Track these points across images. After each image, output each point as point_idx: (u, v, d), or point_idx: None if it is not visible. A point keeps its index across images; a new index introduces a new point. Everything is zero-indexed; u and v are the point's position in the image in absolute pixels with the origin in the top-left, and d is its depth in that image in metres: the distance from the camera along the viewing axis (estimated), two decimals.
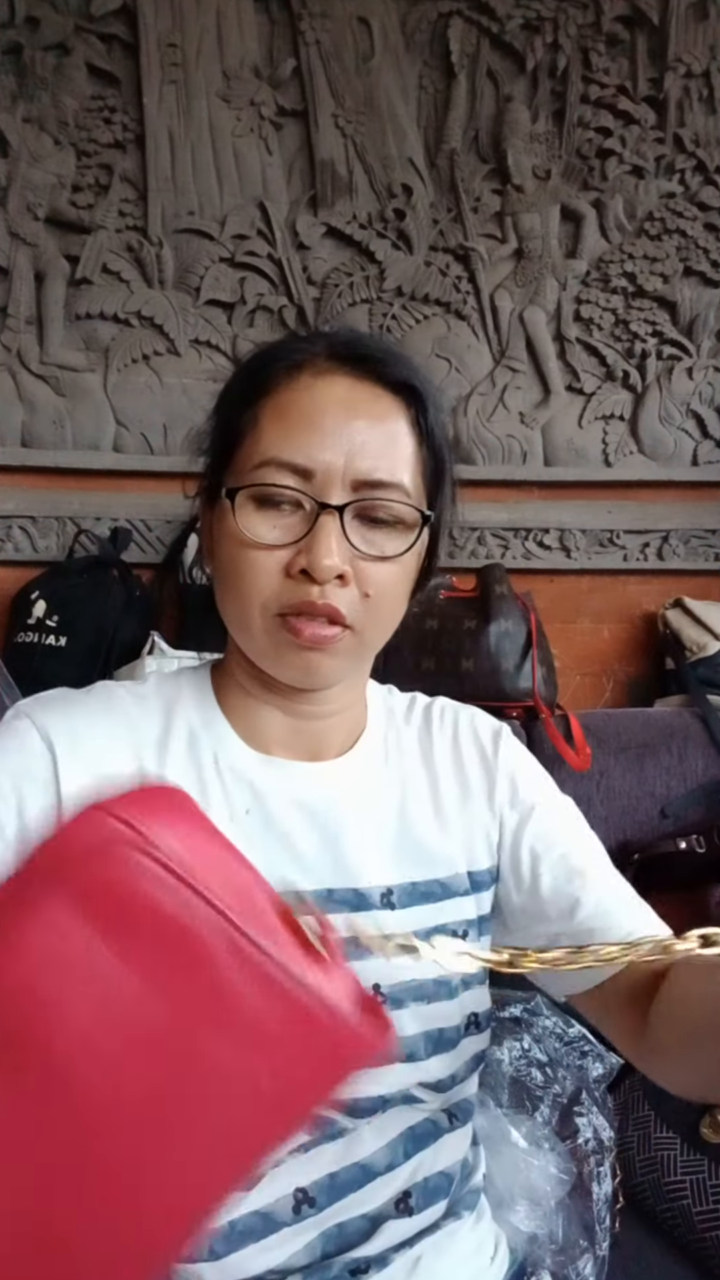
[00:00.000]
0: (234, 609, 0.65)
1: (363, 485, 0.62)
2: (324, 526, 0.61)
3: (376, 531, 0.63)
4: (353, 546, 0.62)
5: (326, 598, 0.61)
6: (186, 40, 1.75)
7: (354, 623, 0.63)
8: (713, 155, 1.81)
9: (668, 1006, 0.61)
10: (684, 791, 1.44)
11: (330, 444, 0.62)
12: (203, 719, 0.69)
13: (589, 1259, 0.82)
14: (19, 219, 1.75)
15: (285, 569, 0.62)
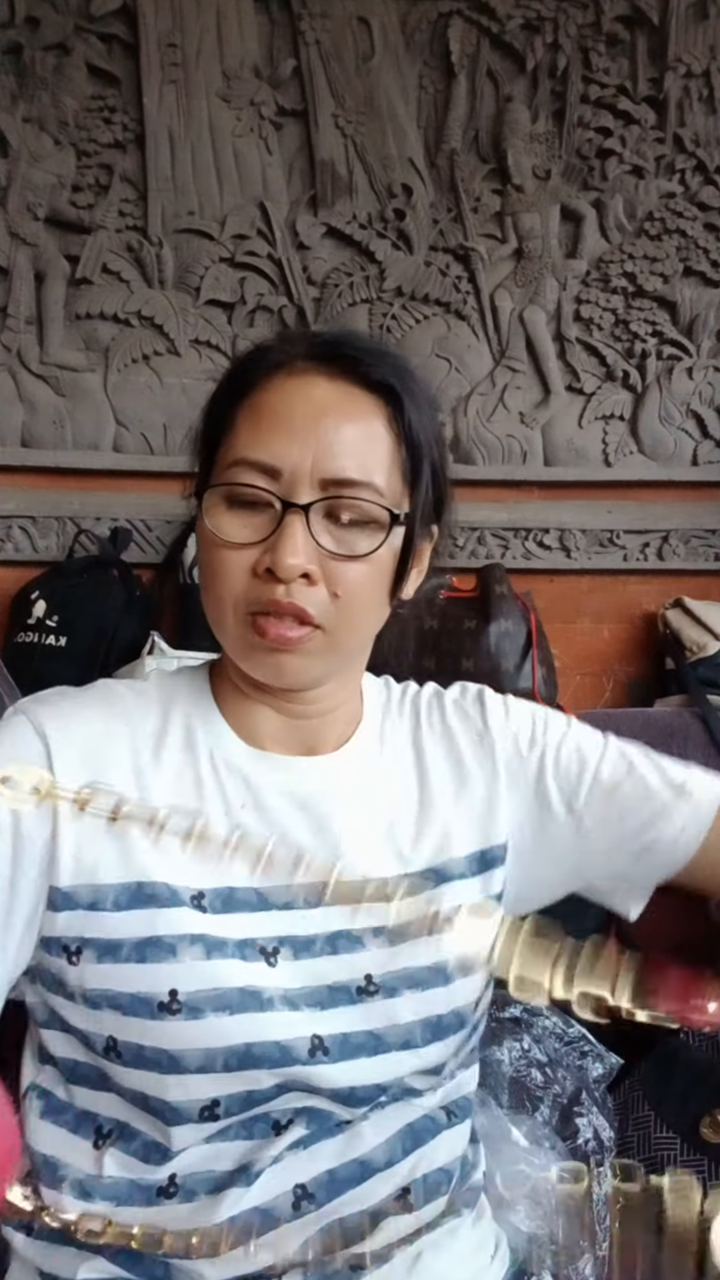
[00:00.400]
0: (211, 609, 0.66)
1: (331, 484, 0.62)
2: (289, 525, 0.61)
3: (346, 531, 0.63)
4: (320, 546, 0.62)
5: (292, 597, 0.61)
6: (186, 40, 1.75)
7: (323, 623, 0.62)
8: (713, 155, 1.81)
9: None
10: None
11: (298, 443, 0.61)
12: (200, 716, 0.69)
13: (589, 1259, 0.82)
14: (19, 219, 1.75)
15: (253, 568, 0.62)
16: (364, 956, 0.65)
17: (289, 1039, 0.61)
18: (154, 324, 1.79)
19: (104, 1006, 0.61)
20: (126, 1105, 0.63)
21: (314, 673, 0.65)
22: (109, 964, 0.61)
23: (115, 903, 0.62)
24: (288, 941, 0.64)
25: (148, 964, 0.61)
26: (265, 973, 0.62)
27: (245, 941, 0.63)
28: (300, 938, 0.64)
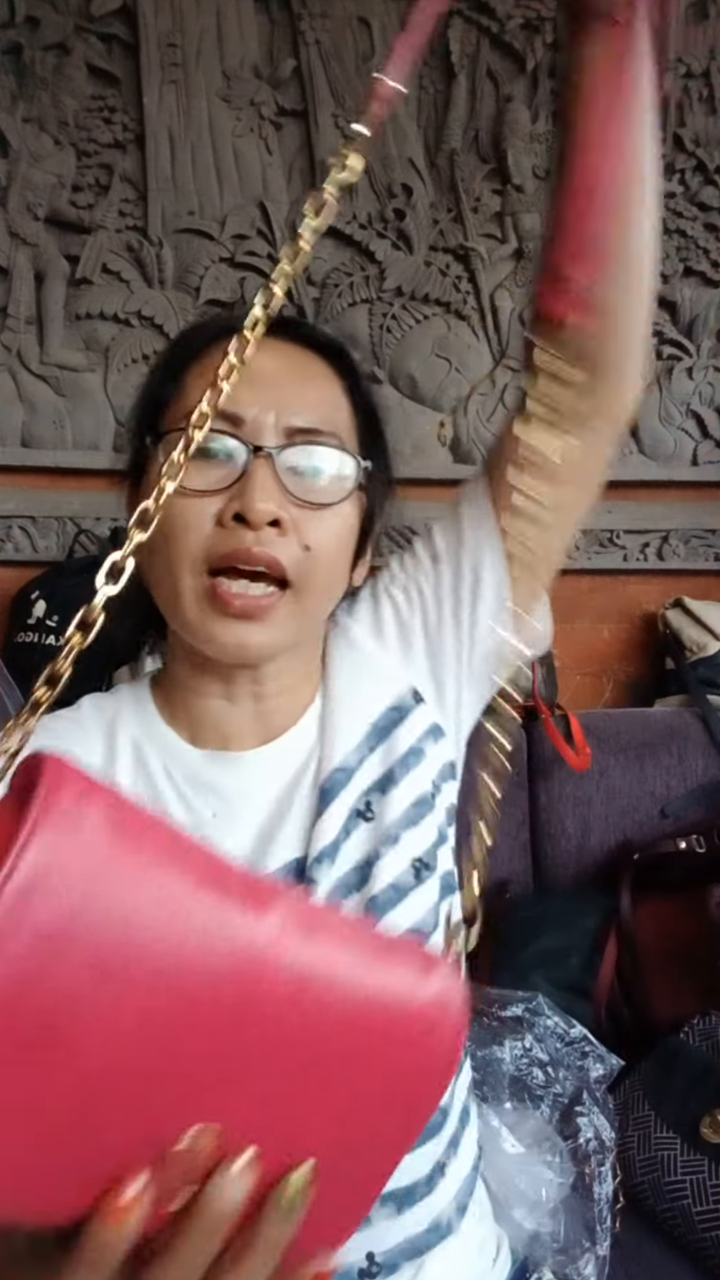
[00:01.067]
0: (164, 576, 0.61)
1: (297, 432, 0.60)
2: (258, 469, 0.58)
3: (313, 483, 0.61)
4: (288, 493, 0.60)
5: (263, 545, 0.58)
6: (186, 40, 1.75)
7: (294, 577, 0.60)
8: (713, 155, 1.81)
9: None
10: (684, 791, 1.45)
11: (260, 393, 0.60)
12: (146, 730, 0.66)
13: (590, 1259, 0.82)
14: (19, 219, 1.75)
15: (218, 518, 0.59)
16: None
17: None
18: (154, 324, 1.79)
19: None
20: None
21: (279, 643, 0.62)
22: None
23: None
24: None
25: None
26: None
27: None
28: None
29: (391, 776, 0.66)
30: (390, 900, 0.62)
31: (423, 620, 0.70)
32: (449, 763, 0.71)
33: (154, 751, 0.65)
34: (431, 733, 0.69)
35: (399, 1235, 0.62)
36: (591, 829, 1.44)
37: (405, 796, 0.65)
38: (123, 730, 0.66)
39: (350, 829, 0.64)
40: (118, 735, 0.65)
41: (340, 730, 0.66)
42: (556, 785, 1.45)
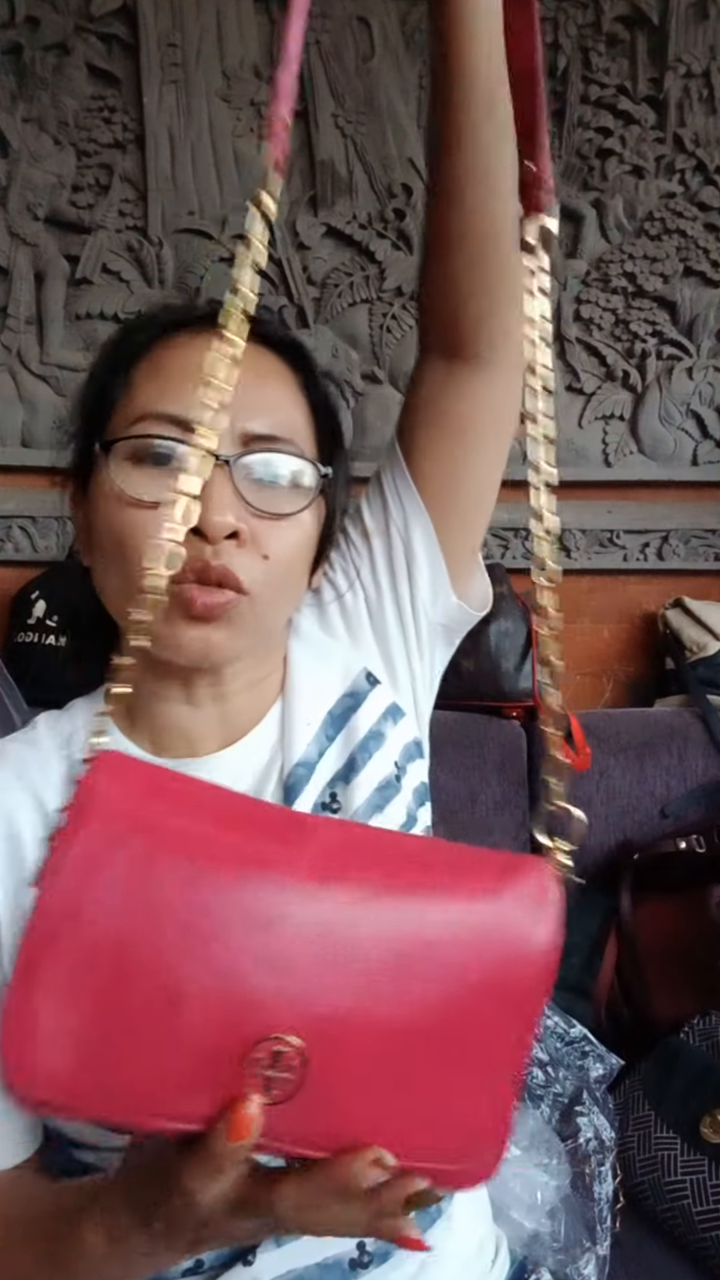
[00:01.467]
0: (119, 585, 0.59)
1: (253, 439, 0.58)
2: (214, 479, 0.55)
3: (271, 491, 0.58)
4: (247, 503, 0.57)
5: (221, 558, 0.56)
6: (186, 40, 1.75)
7: (251, 587, 0.57)
8: (713, 155, 1.81)
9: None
10: (684, 791, 1.45)
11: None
12: (103, 746, 0.65)
13: (590, 1258, 0.82)
14: (19, 219, 1.75)
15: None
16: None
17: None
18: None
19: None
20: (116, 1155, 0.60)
21: (239, 646, 0.60)
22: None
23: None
24: None
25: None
26: None
27: None
28: None
29: (353, 764, 0.65)
30: None
31: (365, 601, 0.70)
32: (413, 741, 0.70)
33: None
34: (390, 714, 0.68)
35: None
36: (591, 829, 1.43)
37: (369, 782, 0.64)
38: (79, 749, 0.63)
39: None
40: (75, 753, 0.63)
41: (299, 724, 0.65)
42: None
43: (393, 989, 0.36)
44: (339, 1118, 0.36)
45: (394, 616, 0.69)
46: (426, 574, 0.68)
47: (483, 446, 0.68)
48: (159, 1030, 0.34)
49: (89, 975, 0.34)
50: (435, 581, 0.69)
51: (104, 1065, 0.34)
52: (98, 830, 0.35)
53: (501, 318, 0.62)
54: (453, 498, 0.69)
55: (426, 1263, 0.65)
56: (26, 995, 0.33)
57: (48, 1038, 0.33)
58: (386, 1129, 0.37)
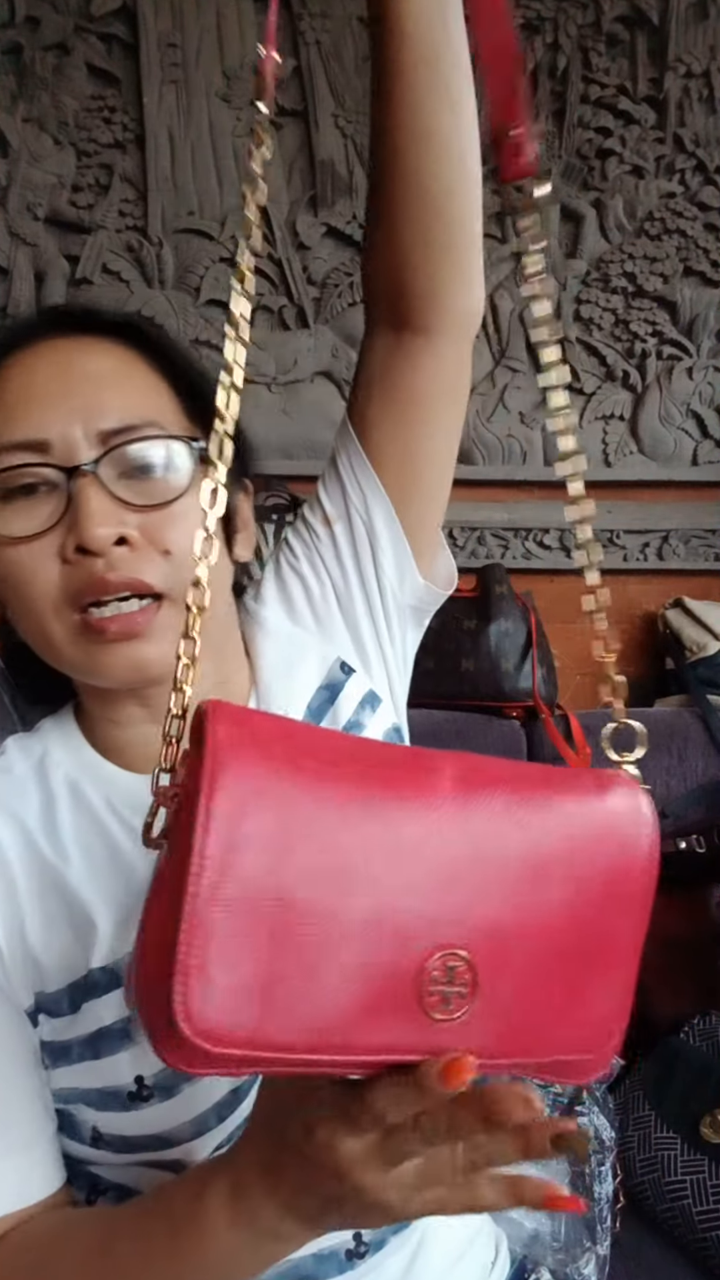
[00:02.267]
0: (30, 625, 0.57)
1: (111, 435, 0.55)
2: (81, 493, 0.53)
3: (148, 482, 0.55)
4: (125, 503, 0.54)
5: (118, 569, 0.53)
6: (186, 40, 1.75)
7: (164, 589, 0.54)
8: (713, 155, 1.81)
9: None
10: (684, 791, 1.45)
11: (58, 407, 0.54)
12: (78, 765, 0.62)
13: (590, 1258, 0.82)
14: (19, 219, 1.75)
15: (60, 554, 0.54)
16: None
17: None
18: (154, 324, 1.78)
19: (76, 1102, 0.58)
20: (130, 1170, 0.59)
21: (174, 653, 0.58)
22: (64, 1067, 0.57)
23: (59, 1007, 0.57)
24: None
25: (103, 1058, 0.56)
26: None
27: None
28: None
29: None
30: None
31: (333, 589, 0.68)
32: (392, 728, 0.69)
33: (92, 786, 0.61)
34: (367, 701, 0.68)
35: None
36: None
37: None
38: (55, 770, 0.61)
39: None
40: (50, 776, 0.61)
41: None
42: None
43: (536, 895, 0.38)
44: (506, 1026, 0.38)
45: (362, 602, 0.68)
46: (391, 555, 0.67)
47: (436, 418, 0.66)
48: (333, 965, 0.35)
49: (257, 922, 0.34)
50: (400, 562, 0.68)
51: (284, 1009, 0.34)
52: (235, 778, 0.35)
53: (451, 287, 0.61)
54: (410, 473, 0.67)
55: (419, 1251, 0.64)
56: (198, 953, 0.33)
57: (226, 992, 0.34)
58: (546, 1034, 0.39)
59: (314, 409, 1.81)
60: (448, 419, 0.68)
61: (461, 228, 0.59)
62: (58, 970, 0.58)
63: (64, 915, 0.58)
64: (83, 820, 0.60)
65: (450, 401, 0.67)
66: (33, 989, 0.58)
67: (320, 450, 1.81)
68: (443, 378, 0.65)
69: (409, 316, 0.62)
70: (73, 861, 0.59)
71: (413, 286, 0.61)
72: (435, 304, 0.62)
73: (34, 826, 0.60)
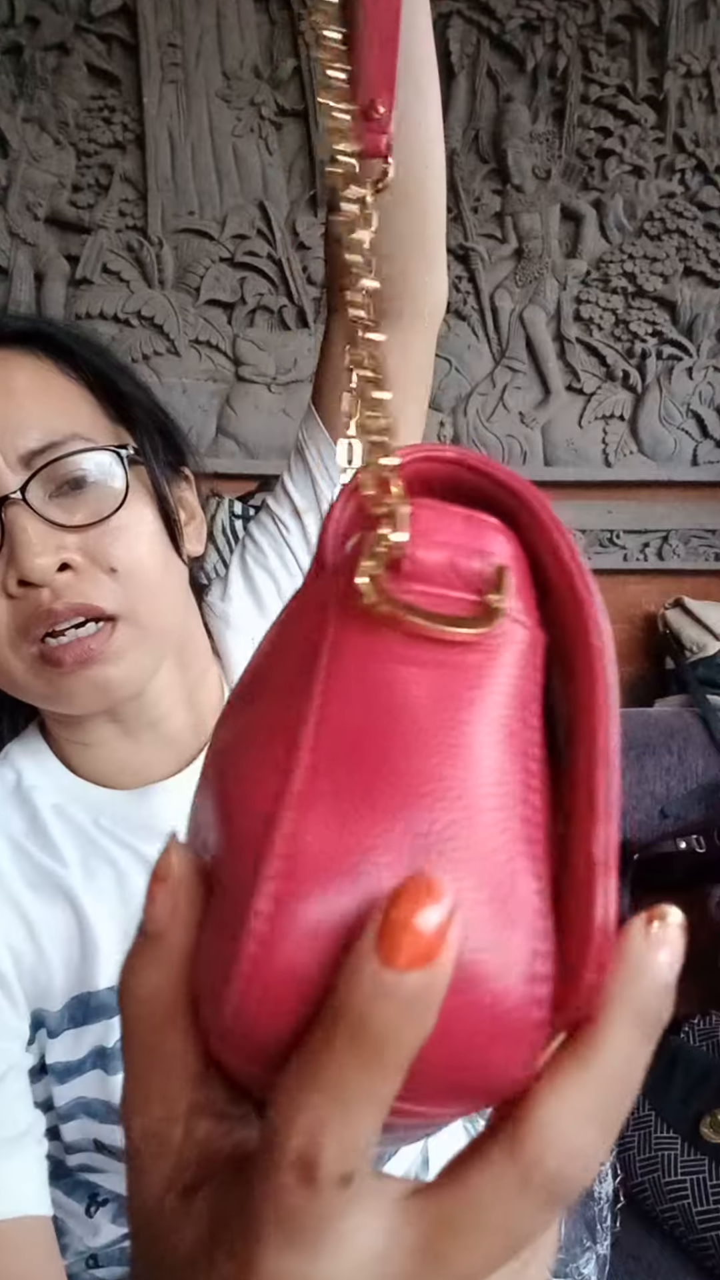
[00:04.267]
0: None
1: (33, 455, 0.52)
2: (14, 522, 0.50)
3: (81, 497, 0.53)
4: (59, 526, 0.51)
5: (64, 596, 0.51)
6: (186, 40, 1.75)
7: (116, 609, 0.52)
8: (713, 155, 1.81)
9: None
10: (684, 791, 1.44)
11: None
12: (59, 789, 0.60)
13: (590, 1258, 0.82)
14: (19, 219, 1.75)
15: (3, 590, 0.52)
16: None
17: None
18: (154, 324, 1.79)
19: (80, 1115, 0.57)
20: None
21: (141, 672, 0.55)
22: (75, 1079, 0.56)
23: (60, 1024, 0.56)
24: None
25: (110, 1075, 0.55)
26: None
27: None
28: None
29: None
30: None
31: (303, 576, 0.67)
32: None
33: (77, 808, 0.59)
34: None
35: None
36: None
37: None
38: (34, 793, 0.59)
39: None
40: (32, 799, 0.59)
41: None
42: None
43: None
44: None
45: None
46: None
47: (401, 405, 0.65)
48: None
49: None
50: None
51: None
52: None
53: (419, 275, 0.62)
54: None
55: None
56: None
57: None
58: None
59: None
60: (412, 406, 0.68)
61: (427, 217, 0.59)
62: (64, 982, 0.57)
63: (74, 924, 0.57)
64: (80, 842, 0.59)
65: (415, 386, 0.67)
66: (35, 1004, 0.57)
67: None
68: (408, 358, 0.65)
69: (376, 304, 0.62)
70: (73, 870, 0.58)
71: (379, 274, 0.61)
72: (403, 291, 0.61)
73: (23, 838, 0.58)
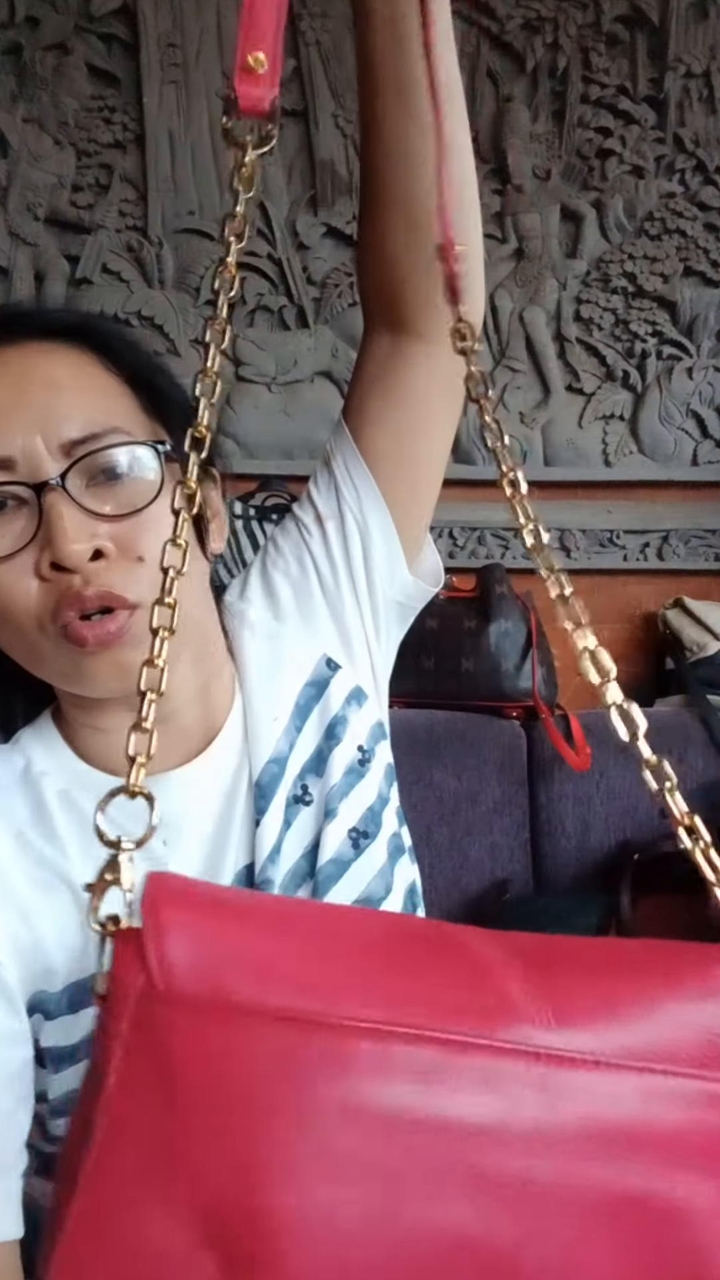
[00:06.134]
0: (14, 641, 0.57)
1: (74, 445, 0.54)
2: (53, 508, 0.52)
3: (117, 488, 0.55)
4: (96, 514, 0.54)
5: (93, 582, 0.53)
6: (186, 40, 1.75)
7: (138, 599, 0.54)
8: (713, 155, 1.81)
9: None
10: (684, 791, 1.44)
11: (16, 420, 0.54)
12: (66, 774, 0.61)
13: None
14: (19, 219, 1.75)
15: (36, 572, 0.53)
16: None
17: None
18: (154, 324, 1.79)
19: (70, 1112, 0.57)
20: None
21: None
22: (69, 1068, 0.56)
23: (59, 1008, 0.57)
24: None
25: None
26: None
27: None
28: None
29: (321, 753, 0.64)
30: (332, 876, 0.61)
31: (320, 585, 0.68)
32: (376, 723, 0.69)
33: (83, 794, 0.60)
34: (354, 697, 0.67)
35: None
36: (591, 829, 1.43)
37: (337, 769, 0.63)
38: (42, 779, 0.61)
39: (291, 818, 0.62)
40: (39, 786, 0.60)
41: (263, 720, 0.63)
42: (556, 785, 1.45)
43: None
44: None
45: (351, 598, 0.68)
46: (382, 552, 0.67)
47: (432, 421, 0.66)
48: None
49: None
50: (391, 559, 0.68)
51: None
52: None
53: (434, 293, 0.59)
54: (405, 473, 0.67)
55: None
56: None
57: None
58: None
59: (314, 409, 1.81)
60: (444, 422, 0.68)
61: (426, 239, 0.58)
62: (65, 967, 0.57)
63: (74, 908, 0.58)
64: (83, 830, 0.59)
65: (446, 405, 0.67)
66: (33, 987, 0.58)
67: (320, 450, 1.81)
68: (439, 382, 0.64)
69: (405, 323, 0.63)
70: (74, 860, 0.58)
71: (405, 296, 0.61)
72: (431, 313, 0.61)
73: (26, 828, 0.59)
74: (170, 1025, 0.25)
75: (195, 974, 0.26)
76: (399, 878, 0.64)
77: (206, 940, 0.27)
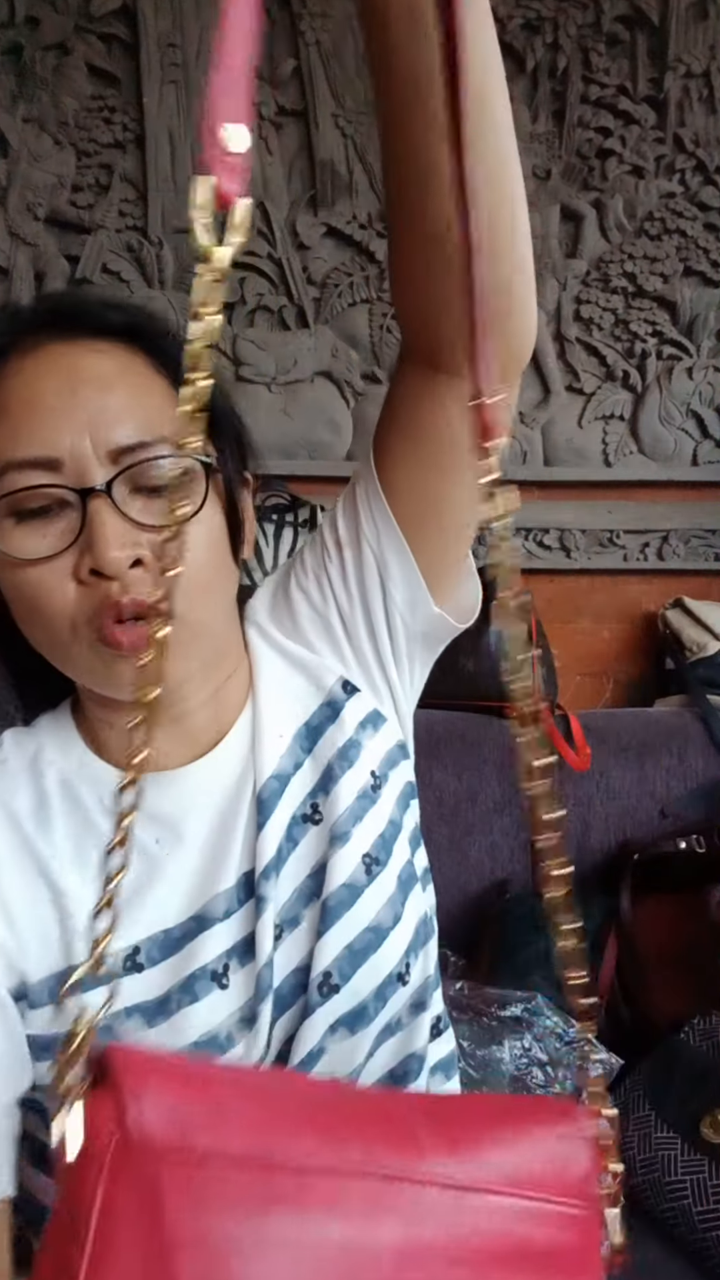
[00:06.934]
0: (45, 639, 0.57)
1: (123, 453, 0.53)
2: (97, 514, 0.52)
3: (160, 499, 0.54)
4: (139, 524, 0.53)
5: (130, 591, 0.52)
6: (186, 40, 1.75)
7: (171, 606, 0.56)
8: (713, 155, 1.81)
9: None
10: (684, 791, 1.45)
11: (67, 421, 0.53)
12: (72, 764, 0.62)
13: None
14: (19, 219, 1.75)
15: (74, 575, 0.53)
16: (302, 932, 0.60)
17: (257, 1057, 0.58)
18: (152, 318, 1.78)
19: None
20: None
21: (185, 668, 0.58)
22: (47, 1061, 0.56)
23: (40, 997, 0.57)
24: (234, 952, 0.59)
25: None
26: (217, 1005, 0.58)
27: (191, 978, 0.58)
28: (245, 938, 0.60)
29: (331, 774, 0.63)
30: (344, 901, 0.60)
31: (337, 608, 0.67)
32: (396, 745, 0.68)
33: (85, 786, 0.61)
34: (370, 721, 0.66)
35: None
36: (591, 829, 1.44)
37: (348, 792, 0.63)
38: (48, 768, 0.62)
39: (297, 836, 0.62)
40: (44, 774, 0.61)
41: (269, 736, 0.63)
42: (556, 785, 1.45)
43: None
44: None
45: (365, 627, 0.66)
46: (402, 587, 0.65)
47: (459, 466, 0.61)
48: None
49: None
50: (413, 594, 0.65)
51: None
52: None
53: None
54: (428, 515, 0.64)
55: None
56: None
57: None
58: None
59: (314, 409, 1.81)
60: (474, 469, 0.66)
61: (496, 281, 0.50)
62: (40, 959, 0.58)
63: (50, 905, 0.58)
64: (76, 822, 0.60)
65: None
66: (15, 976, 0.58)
67: (320, 450, 1.81)
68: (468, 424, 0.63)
69: (436, 358, 0.58)
70: (64, 859, 0.59)
71: (440, 330, 0.56)
72: (463, 353, 0.55)
73: (25, 817, 0.60)
74: (148, 1171, 0.30)
75: (164, 1126, 0.31)
76: (410, 909, 0.63)
77: (172, 1097, 0.32)
